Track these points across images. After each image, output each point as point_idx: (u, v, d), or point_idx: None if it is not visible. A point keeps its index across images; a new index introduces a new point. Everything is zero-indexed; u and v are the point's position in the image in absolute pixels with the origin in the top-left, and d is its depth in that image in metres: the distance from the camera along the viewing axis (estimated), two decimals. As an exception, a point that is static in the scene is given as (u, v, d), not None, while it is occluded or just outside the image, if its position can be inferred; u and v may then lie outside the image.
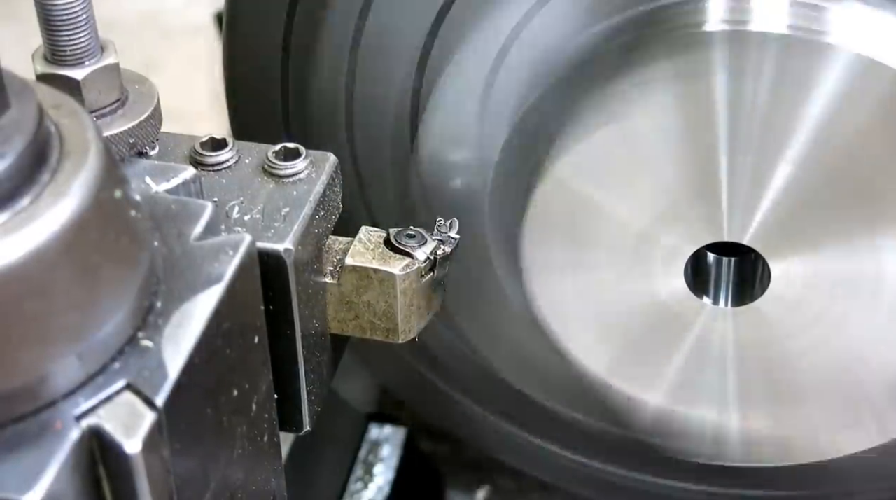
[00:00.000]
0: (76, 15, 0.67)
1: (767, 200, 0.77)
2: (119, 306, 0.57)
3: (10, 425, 0.54)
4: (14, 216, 0.53)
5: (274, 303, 0.69)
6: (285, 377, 0.72)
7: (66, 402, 0.55)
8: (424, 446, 1.15)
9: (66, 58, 0.68)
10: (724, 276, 0.84)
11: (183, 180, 0.68)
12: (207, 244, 0.62)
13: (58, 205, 0.54)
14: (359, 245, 0.75)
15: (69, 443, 0.54)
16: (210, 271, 0.61)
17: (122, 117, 0.70)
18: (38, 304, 0.53)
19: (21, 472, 0.52)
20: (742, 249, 0.80)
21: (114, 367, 0.57)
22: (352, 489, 1.11)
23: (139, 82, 0.72)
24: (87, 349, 0.56)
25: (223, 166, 0.74)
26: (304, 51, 0.88)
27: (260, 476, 0.67)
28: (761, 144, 0.75)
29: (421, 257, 0.75)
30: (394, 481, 1.11)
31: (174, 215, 0.64)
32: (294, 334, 0.71)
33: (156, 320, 0.59)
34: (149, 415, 0.55)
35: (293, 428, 0.75)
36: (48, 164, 0.56)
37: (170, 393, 0.56)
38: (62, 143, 0.57)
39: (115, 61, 0.69)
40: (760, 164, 0.76)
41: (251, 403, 0.65)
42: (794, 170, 0.76)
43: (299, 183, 0.73)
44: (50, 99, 0.59)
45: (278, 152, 0.74)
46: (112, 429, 0.55)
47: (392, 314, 0.75)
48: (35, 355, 0.54)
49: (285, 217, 0.70)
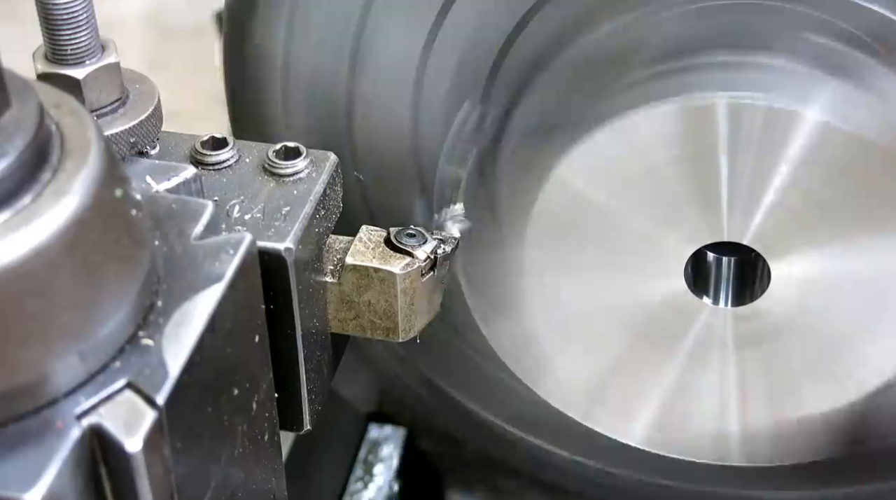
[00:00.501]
0: (77, 14, 0.67)
1: (767, 200, 0.77)
2: (120, 305, 0.57)
3: (11, 423, 0.54)
4: (15, 215, 0.53)
5: (274, 302, 0.69)
6: (286, 376, 0.72)
7: (67, 400, 0.55)
8: (424, 446, 1.15)
9: (66, 57, 0.68)
10: (724, 276, 0.84)
11: (183, 179, 0.68)
12: (208, 243, 0.62)
13: (59, 203, 0.54)
14: (359, 244, 0.75)
15: (70, 441, 0.54)
16: (211, 269, 0.61)
17: (123, 117, 0.70)
18: (39, 302, 0.54)
19: (22, 470, 0.52)
20: (742, 249, 0.80)
21: (115, 366, 0.57)
22: (352, 489, 1.11)
23: (140, 82, 0.72)
24: (87, 348, 0.56)
25: (224, 165, 0.74)
26: (304, 50, 0.88)
27: (260, 475, 0.67)
28: (761, 145, 0.75)
29: (421, 257, 0.75)
30: (394, 481, 1.11)
31: (175, 214, 0.64)
32: (295, 334, 0.71)
33: (156, 319, 0.59)
34: (149, 414, 0.55)
35: (294, 427, 0.75)
36: (49, 162, 0.56)
37: (170, 392, 0.56)
38: (63, 142, 0.57)
39: (115, 60, 0.69)
40: (760, 164, 0.76)
41: (252, 402, 0.65)
42: (794, 170, 0.76)
43: (300, 182, 0.73)
44: (51, 98, 0.59)
45: (279, 151, 0.74)
46: (113, 427, 0.55)
47: (392, 313, 0.75)
48: (36, 353, 0.54)
49: (286, 216, 0.70)
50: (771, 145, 0.75)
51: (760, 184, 0.76)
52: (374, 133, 0.91)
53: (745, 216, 0.78)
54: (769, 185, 0.76)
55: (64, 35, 0.67)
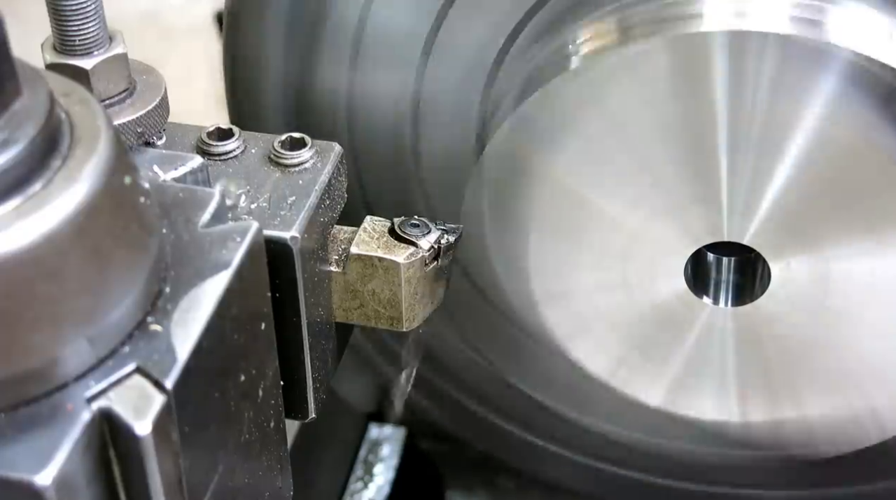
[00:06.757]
0: (85, 5, 0.67)
1: (767, 200, 0.77)
2: (129, 291, 0.57)
3: (22, 407, 0.55)
4: (26, 201, 0.54)
5: (280, 291, 0.70)
6: (291, 364, 0.72)
7: (78, 385, 0.56)
8: (424, 446, 1.15)
9: (75, 48, 0.68)
10: (724, 276, 0.84)
11: (190, 169, 0.68)
12: (215, 231, 0.63)
13: (69, 190, 0.54)
14: (363, 234, 0.76)
15: (80, 425, 0.54)
16: (218, 257, 0.61)
17: (130, 107, 0.70)
18: (49, 287, 0.54)
19: (34, 453, 0.53)
20: (742, 249, 0.81)
21: (124, 350, 0.57)
22: (352, 488, 1.11)
23: (147, 73, 0.72)
24: (97, 333, 0.56)
25: (230, 156, 0.74)
26: (304, 51, 0.89)
27: (266, 463, 0.68)
28: (761, 145, 0.76)
29: (425, 246, 0.75)
30: (394, 481, 1.12)
31: (182, 203, 0.64)
32: (300, 322, 0.71)
33: (165, 305, 0.59)
34: (158, 398, 0.56)
35: (298, 416, 0.75)
36: (59, 150, 0.56)
37: (179, 376, 0.56)
38: (73, 130, 0.57)
39: (123, 51, 0.70)
40: (760, 164, 0.76)
41: (258, 388, 0.65)
42: (794, 170, 0.76)
43: (305, 172, 0.73)
44: (60, 87, 0.59)
45: (284, 142, 0.74)
46: (122, 411, 0.55)
47: (396, 303, 0.75)
48: (47, 337, 0.54)
49: (291, 206, 0.71)
50: (771, 145, 0.76)
51: (760, 184, 0.77)
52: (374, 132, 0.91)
53: (745, 216, 0.78)
54: (769, 185, 0.77)
55: (72, 26, 0.67)
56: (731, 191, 0.77)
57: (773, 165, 0.76)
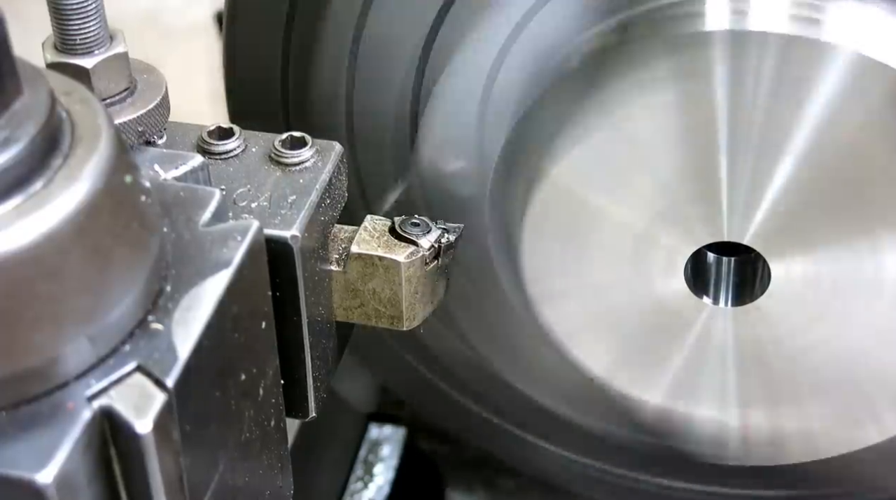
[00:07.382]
0: (86, 4, 0.67)
1: (767, 200, 0.77)
2: (129, 290, 0.57)
3: (23, 405, 0.55)
4: (27, 200, 0.54)
5: (281, 289, 0.70)
6: (291, 364, 0.72)
7: (78, 383, 0.56)
8: (424, 446, 1.15)
9: (75, 47, 0.68)
10: (724, 276, 0.84)
11: (191, 168, 0.68)
12: (216, 230, 0.63)
13: (70, 189, 0.55)
14: (364, 233, 0.76)
15: (81, 423, 0.54)
16: (219, 256, 0.61)
17: (131, 106, 0.70)
18: (50, 286, 0.54)
19: (34, 451, 0.53)
20: (742, 249, 0.80)
21: (124, 349, 0.57)
22: (352, 488, 1.11)
23: (147, 72, 0.72)
24: (98, 332, 0.56)
25: (230, 155, 0.74)
26: (304, 51, 0.89)
27: (266, 461, 0.68)
28: (761, 145, 0.75)
29: (425, 245, 0.75)
30: (394, 481, 1.12)
31: (182, 202, 0.64)
32: (300, 321, 0.71)
33: (165, 304, 0.59)
34: (159, 396, 0.56)
35: (299, 415, 0.75)
36: (60, 149, 0.56)
37: (180, 375, 0.56)
38: (74, 128, 0.57)
39: (123, 50, 0.70)
40: (760, 164, 0.76)
41: (258, 387, 0.65)
42: (794, 170, 0.76)
43: (305, 171, 0.73)
44: (61, 86, 0.59)
45: (285, 141, 0.75)
46: (123, 409, 0.55)
47: (397, 302, 0.75)
48: (47, 336, 0.55)
49: (292, 205, 0.71)
50: (771, 145, 0.76)
51: (760, 184, 0.77)
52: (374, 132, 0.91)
53: (745, 216, 0.78)
54: (769, 185, 0.77)
55: (73, 25, 0.68)
56: (731, 191, 0.77)
57: (773, 165, 0.76)
